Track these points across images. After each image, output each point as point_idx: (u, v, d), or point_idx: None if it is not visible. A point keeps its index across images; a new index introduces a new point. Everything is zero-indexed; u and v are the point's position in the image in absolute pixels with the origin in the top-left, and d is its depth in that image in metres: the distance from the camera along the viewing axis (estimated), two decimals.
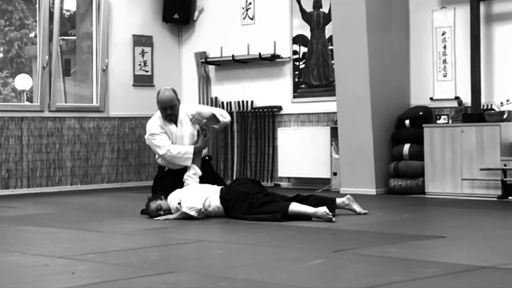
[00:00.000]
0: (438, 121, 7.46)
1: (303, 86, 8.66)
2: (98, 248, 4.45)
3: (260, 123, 8.94)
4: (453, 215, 5.91)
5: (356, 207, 5.69)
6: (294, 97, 8.73)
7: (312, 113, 8.56)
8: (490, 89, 7.34)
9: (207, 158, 6.22)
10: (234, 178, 8.88)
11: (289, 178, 8.70)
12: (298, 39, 8.68)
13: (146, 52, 9.49)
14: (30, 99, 10.38)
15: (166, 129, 6.02)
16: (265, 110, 8.90)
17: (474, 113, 7.18)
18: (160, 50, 9.64)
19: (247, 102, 9.06)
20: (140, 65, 9.52)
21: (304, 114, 8.63)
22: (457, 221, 5.53)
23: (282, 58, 8.77)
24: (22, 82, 11.67)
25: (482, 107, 7.24)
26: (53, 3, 8.85)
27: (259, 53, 8.78)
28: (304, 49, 8.64)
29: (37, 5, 8.96)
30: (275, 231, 4.99)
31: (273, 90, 8.87)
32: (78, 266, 3.82)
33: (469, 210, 6.13)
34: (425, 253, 4.17)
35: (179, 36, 9.72)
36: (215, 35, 9.29)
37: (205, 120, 5.97)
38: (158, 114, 6.09)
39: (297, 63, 8.71)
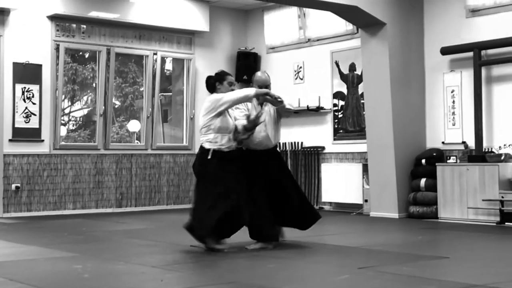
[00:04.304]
0: (448, 161, 7.30)
1: (341, 131, 8.62)
2: (182, 259, 4.49)
3: (308, 159, 8.90)
4: (458, 238, 5.72)
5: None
6: (334, 139, 8.67)
7: (348, 152, 8.49)
8: (490, 136, 7.14)
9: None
10: None
11: (330, 203, 8.61)
12: (337, 95, 8.65)
13: None
14: (139, 139, 10.66)
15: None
16: (312, 149, 8.86)
17: (477, 155, 7.00)
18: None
19: (297, 143, 9.04)
20: None
21: (342, 153, 8.57)
22: (461, 244, 5.36)
23: (325, 109, 8.74)
24: (134, 125, 12.02)
25: (484, 150, 7.06)
26: (155, 67, 9.12)
27: (307, 106, 8.77)
28: (342, 102, 8.60)
29: (143, 68, 9.25)
30: (316, 249, 4.93)
31: (318, 134, 8.83)
32: (166, 274, 3.87)
33: (472, 234, 5.92)
34: (431, 272, 4.04)
35: None
36: (274, 92, 9.29)
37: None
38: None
39: (336, 113, 8.67)
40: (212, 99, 4.87)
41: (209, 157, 4.74)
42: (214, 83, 4.99)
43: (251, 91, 4.89)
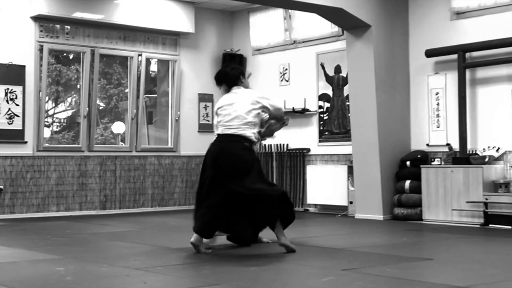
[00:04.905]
0: (432, 163, 7.37)
1: (326, 133, 8.66)
2: (166, 262, 4.48)
3: (293, 161, 8.93)
4: (442, 239, 5.74)
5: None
6: (320, 141, 8.71)
7: (333, 154, 8.53)
8: (475, 138, 7.22)
9: None
10: None
11: (315, 205, 8.64)
12: (323, 97, 8.70)
13: (208, 106, 9.62)
14: (123, 140, 10.60)
15: None
16: (297, 151, 8.89)
17: (462, 157, 7.06)
18: None
19: (283, 145, 9.07)
20: (203, 116, 9.64)
21: (327, 155, 8.61)
22: (445, 246, 5.37)
23: (310, 111, 8.78)
24: (118, 127, 11.92)
25: (468, 152, 7.12)
26: (140, 68, 9.08)
27: (293, 107, 8.79)
28: (327, 104, 8.64)
29: (128, 69, 9.21)
30: (300, 251, 4.90)
31: (303, 136, 8.87)
32: (149, 277, 3.87)
33: (456, 236, 5.94)
34: (414, 273, 4.06)
35: None
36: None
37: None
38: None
39: (322, 115, 8.71)
40: (262, 96, 4.90)
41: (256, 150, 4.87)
42: (239, 76, 4.94)
43: (282, 108, 5.16)
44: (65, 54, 12.47)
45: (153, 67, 11.14)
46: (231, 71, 4.94)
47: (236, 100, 4.82)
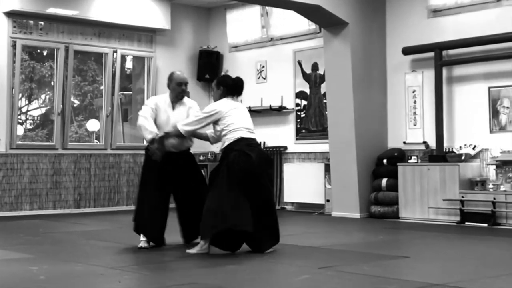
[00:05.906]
0: (409, 161, 7.41)
1: (303, 131, 8.67)
2: (141, 261, 4.47)
3: None
4: (419, 237, 5.79)
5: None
6: (297, 139, 8.72)
7: (310, 152, 8.54)
8: (451, 136, 7.29)
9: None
10: None
11: (292, 203, 8.64)
12: (300, 94, 8.71)
13: None
14: (98, 138, 10.50)
15: (162, 107, 5.03)
16: (274, 149, 8.87)
17: (438, 155, 7.12)
18: None
19: (260, 142, 8.94)
20: None
21: (304, 152, 8.62)
22: (421, 243, 5.42)
23: (287, 109, 8.79)
24: (93, 125, 11.80)
25: (444, 150, 7.18)
26: (115, 65, 9.01)
27: (270, 105, 8.80)
28: (304, 102, 8.66)
29: (103, 66, 9.12)
30: (277, 249, 4.88)
31: (280, 134, 8.86)
32: (124, 276, 3.85)
33: (433, 234, 5.98)
34: (391, 271, 4.09)
35: (209, 92, 9.79)
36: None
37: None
38: (161, 96, 5.24)
39: (299, 113, 8.72)
40: None
41: None
42: None
43: None
44: (38, 50, 12.30)
45: (129, 64, 11.05)
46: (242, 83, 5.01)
47: (242, 108, 4.94)
